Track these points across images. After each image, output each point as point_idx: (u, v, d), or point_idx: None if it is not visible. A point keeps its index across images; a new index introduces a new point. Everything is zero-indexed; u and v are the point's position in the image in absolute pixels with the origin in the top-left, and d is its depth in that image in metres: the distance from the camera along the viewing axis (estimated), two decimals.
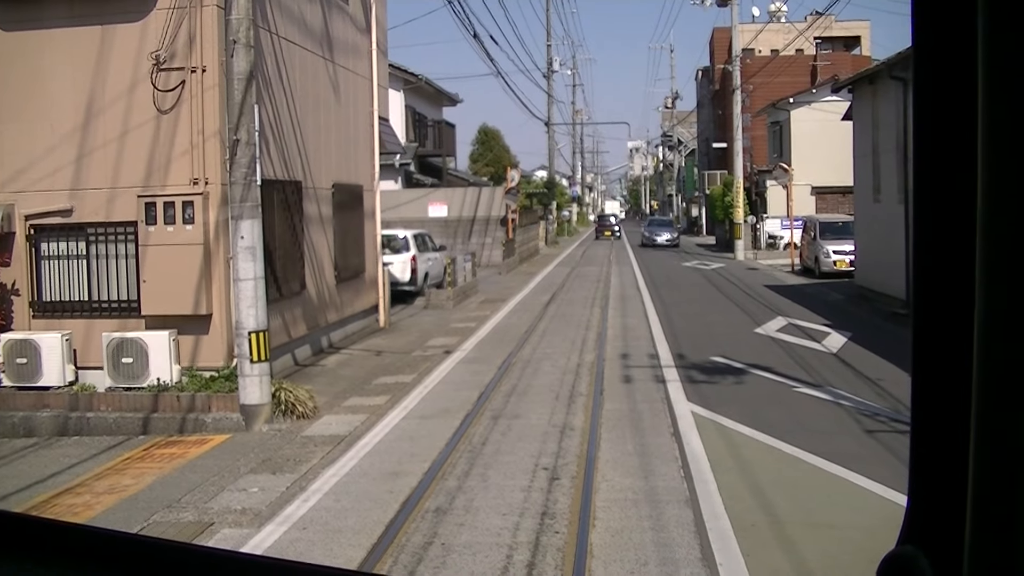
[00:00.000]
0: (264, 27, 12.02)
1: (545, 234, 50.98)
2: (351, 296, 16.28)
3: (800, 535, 6.46)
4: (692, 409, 10.26)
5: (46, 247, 11.57)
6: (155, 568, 1.24)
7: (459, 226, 32.39)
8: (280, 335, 12.27)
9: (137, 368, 10.72)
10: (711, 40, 61.98)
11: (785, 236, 34.24)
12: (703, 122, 67.63)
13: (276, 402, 10.23)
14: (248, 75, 10.05)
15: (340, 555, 6.18)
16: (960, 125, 0.83)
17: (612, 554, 6.10)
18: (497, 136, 62.68)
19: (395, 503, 7.26)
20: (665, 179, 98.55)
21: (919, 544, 0.88)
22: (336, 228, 15.40)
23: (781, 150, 39.33)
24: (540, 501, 7.22)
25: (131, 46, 11.03)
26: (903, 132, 18.24)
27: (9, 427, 10.30)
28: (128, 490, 7.98)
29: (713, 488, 7.42)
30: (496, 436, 9.32)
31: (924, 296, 0.90)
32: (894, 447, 8.41)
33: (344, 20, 16.20)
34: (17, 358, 10.89)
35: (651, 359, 13.76)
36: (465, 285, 23.75)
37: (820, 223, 28.60)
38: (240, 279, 10.05)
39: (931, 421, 0.91)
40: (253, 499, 7.54)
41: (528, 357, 14.12)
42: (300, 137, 13.61)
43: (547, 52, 57.35)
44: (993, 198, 0.75)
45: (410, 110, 34.57)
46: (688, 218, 71.17)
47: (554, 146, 62.22)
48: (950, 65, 0.86)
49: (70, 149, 11.22)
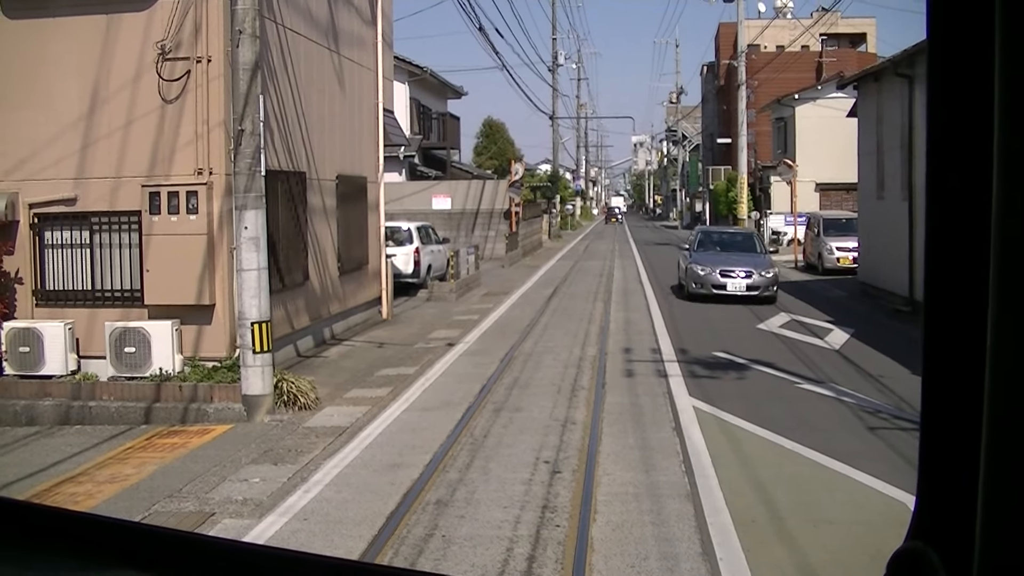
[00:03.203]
0: (270, 17, 12.00)
1: (548, 228, 50.86)
2: (354, 288, 16.27)
3: (801, 531, 6.45)
4: (694, 404, 10.26)
5: (50, 236, 11.58)
6: (156, 556, 1.24)
7: (462, 219, 32.37)
8: (283, 326, 12.28)
9: (140, 358, 10.73)
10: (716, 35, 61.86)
11: (788, 232, 34.20)
12: (707, 117, 67.55)
13: (278, 393, 10.23)
14: (253, 65, 10.04)
15: (341, 546, 6.19)
16: (975, 121, 0.83)
17: (613, 548, 6.10)
18: (501, 129, 62.65)
19: (396, 495, 7.26)
20: (669, 174, 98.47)
21: (928, 539, 0.88)
22: (340, 219, 15.40)
23: (785, 146, 39.29)
24: (541, 494, 7.22)
25: (136, 35, 11.02)
26: (908, 130, 18.19)
27: (11, 415, 10.32)
28: (130, 479, 7.99)
29: (714, 483, 7.42)
30: (498, 429, 9.33)
31: (936, 293, 0.90)
32: (896, 444, 8.41)
33: (349, 11, 16.18)
34: (20, 347, 10.91)
35: (653, 353, 13.75)
36: (468, 278, 23.74)
37: (824, 219, 28.57)
38: (243, 269, 10.05)
39: (941, 416, 0.90)
40: (254, 489, 7.55)
41: (530, 350, 14.12)
42: (305, 128, 13.59)
43: (552, 46, 57.36)
44: (1008, 195, 0.74)
45: (415, 102, 34.55)
46: (692, 213, 71.09)
47: (558, 140, 62.26)
48: (965, 59, 0.85)
49: (75, 138, 11.22)
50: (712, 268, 19.96)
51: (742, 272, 19.80)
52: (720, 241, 22.52)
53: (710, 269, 19.96)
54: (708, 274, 19.90)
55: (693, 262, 20.64)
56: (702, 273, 19.97)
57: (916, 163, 17.68)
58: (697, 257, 20.97)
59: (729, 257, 20.74)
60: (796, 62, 44.26)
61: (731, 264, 20.17)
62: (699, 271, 20.15)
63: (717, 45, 61.72)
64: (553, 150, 60.11)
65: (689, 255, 21.38)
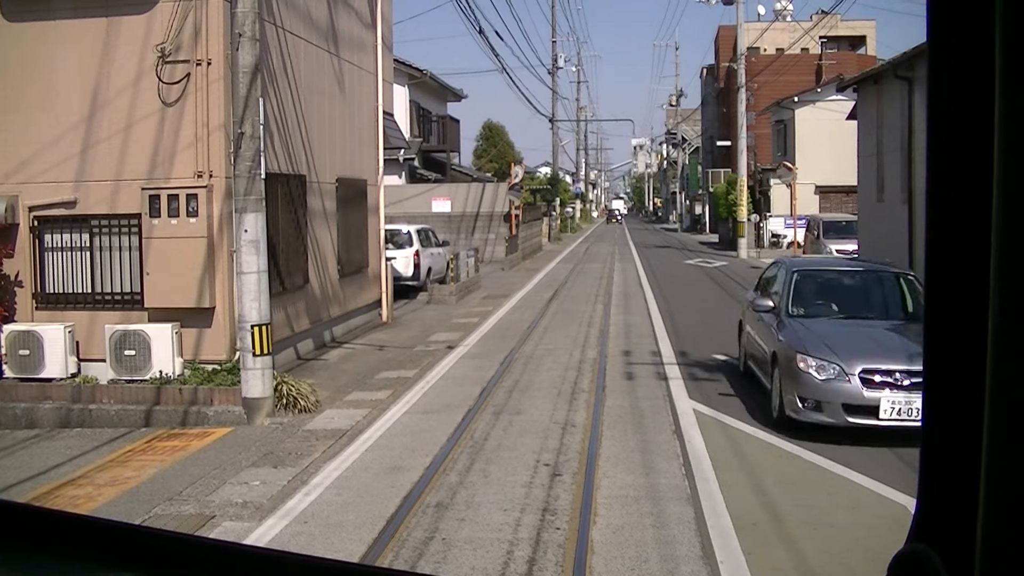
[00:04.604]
0: (269, 20, 12.01)
1: (548, 230, 50.86)
2: (354, 291, 16.28)
3: (801, 533, 6.45)
4: (694, 406, 10.26)
5: (50, 239, 11.58)
6: (156, 559, 1.24)
7: (462, 222, 32.38)
8: (283, 329, 12.28)
9: (140, 361, 10.73)
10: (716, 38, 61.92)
11: (788, 235, 34.23)
12: (707, 120, 67.61)
13: (278, 396, 10.23)
14: (253, 68, 10.05)
15: (341, 549, 6.19)
16: (975, 123, 0.83)
17: (613, 551, 6.10)
18: (501, 132, 62.73)
19: (396, 498, 7.26)
20: (669, 177, 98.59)
21: (930, 541, 0.87)
22: (340, 222, 15.40)
23: (785, 149, 39.31)
24: (541, 497, 7.22)
25: (136, 38, 11.03)
26: (908, 132, 18.21)
27: (11, 418, 10.31)
28: (130, 482, 7.98)
29: (714, 486, 7.42)
30: (498, 432, 9.32)
31: (936, 294, 0.90)
32: (896, 448, 8.40)
33: (349, 15, 16.19)
34: (20, 349, 10.90)
35: (653, 356, 13.75)
36: (468, 281, 23.74)
37: (823, 222, 28.62)
38: (243, 272, 10.06)
39: (942, 417, 0.90)
40: (255, 492, 7.55)
41: (530, 353, 14.12)
42: (304, 131, 13.60)
43: (552, 48, 57.35)
44: (1009, 197, 0.74)
45: (414, 105, 34.57)
46: (691, 216, 71.11)
47: (558, 143, 62.27)
48: (966, 61, 0.85)
49: (74, 141, 11.23)
50: (844, 362, 8.81)
51: (912, 371, 8.45)
52: (838, 290, 11.11)
53: (839, 366, 8.81)
54: (835, 380, 8.74)
55: (791, 342, 9.41)
56: (820, 379, 8.81)
57: (916, 165, 17.70)
58: (799, 332, 9.65)
59: (871, 331, 9.85)
60: (796, 65, 44.33)
61: (884, 351, 9.08)
62: (812, 372, 8.86)
63: (717, 48, 61.80)
64: (553, 153, 60.16)
65: (776, 323, 10.20)
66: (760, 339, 10.77)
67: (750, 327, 11.56)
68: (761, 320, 10.77)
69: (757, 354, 10.90)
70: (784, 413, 9.07)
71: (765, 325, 10.54)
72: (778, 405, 9.30)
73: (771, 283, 11.69)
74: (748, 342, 11.67)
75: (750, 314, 11.53)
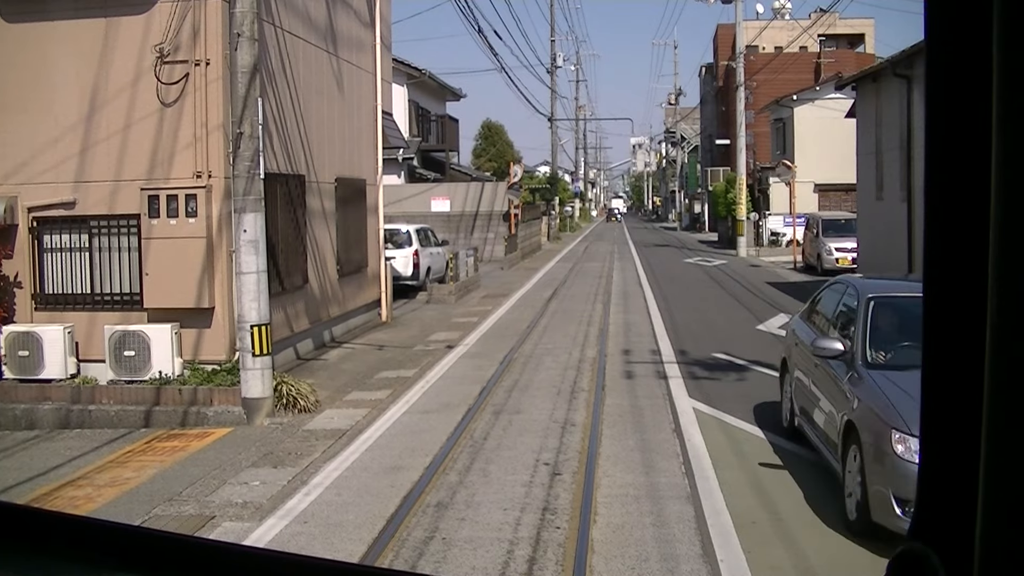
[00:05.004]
0: (268, 20, 12.00)
1: (547, 230, 50.86)
2: (353, 290, 16.27)
3: (801, 533, 6.45)
4: (694, 405, 10.26)
5: (49, 239, 11.57)
6: (156, 560, 1.24)
7: (461, 221, 32.37)
8: (282, 329, 12.27)
9: (139, 361, 10.72)
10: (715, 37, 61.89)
11: (787, 233, 34.21)
12: (706, 118, 67.58)
13: (278, 396, 10.23)
14: (252, 68, 10.04)
15: (341, 549, 6.19)
16: (974, 121, 0.83)
17: (613, 550, 6.10)
18: (500, 131, 62.72)
19: (396, 497, 7.26)
20: (668, 175, 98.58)
21: (929, 540, 0.88)
22: (339, 222, 15.40)
23: (784, 147, 39.30)
24: (541, 496, 7.22)
25: (135, 39, 11.02)
26: (906, 130, 18.21)
27: (11, 419, 10.30)
28: (129, 483, 7.98)
29: (714, 484, 7.42)
30: (498, 431, 9.32)
31: (935, 293, 0.90)
32: None
33: (348, 14, 16.18)
34: (19, 351, 10.90)
35: (653, 355, 13.76)
36: (467, 280, 23.74)
37: (823, 220, 28.61)
38: (243, 272, 10.05)
39: (941, 417, 0.90)
40: (254, 493, 7.55)
41: (530, 352, 14.12)
42: (303, 131, 13.60)
43: (551, 48, 57.36)
44: (1008, 195, 0.74)
45: (413, 105, 34.55)
46: (691, 214, 71.10)
47: (557, 142, 62.27)
48: (964, 59, 0.85)
49: (73, 141, 11.22)
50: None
51: None
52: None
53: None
54: None
55: (879, 409, 6.32)
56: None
57: (915, 163, 17.70)
58: (888, 392, 6.38)
59: None
60: (794, 63, 44.29)
61: None
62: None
63: (715, 46, 61.75)
64: (552, 152, 60.13)
65: (847, 374, 7.04)
66: (821, 393, 7.59)
67: (801, 372, 8.37)
68: (820, 366, 7.63)
69: (815, 416, 7.74)
70: (870, 517, 6.05)
71: (827, 374, 7.44)
72: (859, 504, 6.25)
73: (828, 310, 8.51)
74: (799, 393, 8.43)
75: (799, 353, 8.53)
